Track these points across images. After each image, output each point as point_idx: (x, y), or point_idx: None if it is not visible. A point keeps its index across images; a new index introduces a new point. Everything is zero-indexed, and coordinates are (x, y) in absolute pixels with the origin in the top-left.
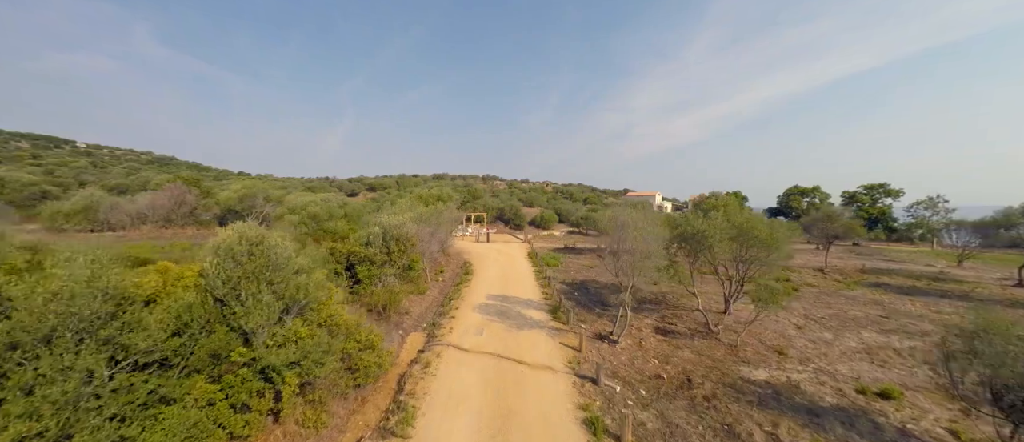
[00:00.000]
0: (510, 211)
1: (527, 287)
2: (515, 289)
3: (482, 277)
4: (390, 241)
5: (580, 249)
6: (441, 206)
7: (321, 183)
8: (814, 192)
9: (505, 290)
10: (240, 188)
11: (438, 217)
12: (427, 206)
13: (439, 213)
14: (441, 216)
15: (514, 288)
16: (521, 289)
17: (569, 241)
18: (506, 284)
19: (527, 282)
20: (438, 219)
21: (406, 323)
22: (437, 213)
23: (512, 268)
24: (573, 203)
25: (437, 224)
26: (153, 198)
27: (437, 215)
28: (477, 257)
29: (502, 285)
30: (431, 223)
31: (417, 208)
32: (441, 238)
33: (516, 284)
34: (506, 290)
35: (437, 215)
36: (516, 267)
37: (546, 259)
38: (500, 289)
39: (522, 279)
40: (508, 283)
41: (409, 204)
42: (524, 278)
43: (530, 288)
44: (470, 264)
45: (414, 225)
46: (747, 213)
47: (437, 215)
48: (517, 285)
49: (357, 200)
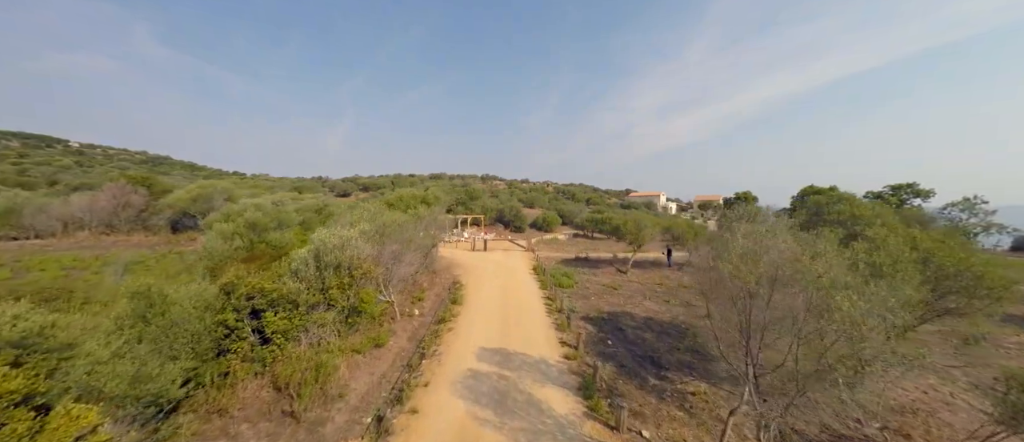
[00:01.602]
0: (510, 212)
1: (537, 330)
2: (520, 333)
3: (474, 307)
4: (326, 270)
5: (594, 261)
6: (424, 211)
7: (310, 183)
8: (831, 192)
9: (505, 336)
10: (194, 188)
11: (417, 228)
12: (407, 211)
13: (421, 221)
14: (423, 225)
15: (518, 331)
16: (528, 333)
17: (578, 248)
18: (507, 322)
19: (536, 318)
20: (416, 231)
21: (335, 420)
22: (419, 221)
23: (514, 290)
24: (575, 204)
25: (415, 236)
26: (91, 200)
27: (417, 225)
28: (471, 273)
29: (501, 324)
30: (405, 236)
31: (383, 216)
32: (419, 258)
33: (521, 322)
34: (507, 336)
35: (417, 225)
36: (519, 289)
37: (556, 275)
38: (498, 332)
39: (529, 312)
40: (509, 320)
41: (375, 212)
42: (531, 310)
43: (541, 332)
44: (461, 285)
45: (372, 243)
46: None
47: (417, 225)
48: (522, 324)
49: (347, 201)
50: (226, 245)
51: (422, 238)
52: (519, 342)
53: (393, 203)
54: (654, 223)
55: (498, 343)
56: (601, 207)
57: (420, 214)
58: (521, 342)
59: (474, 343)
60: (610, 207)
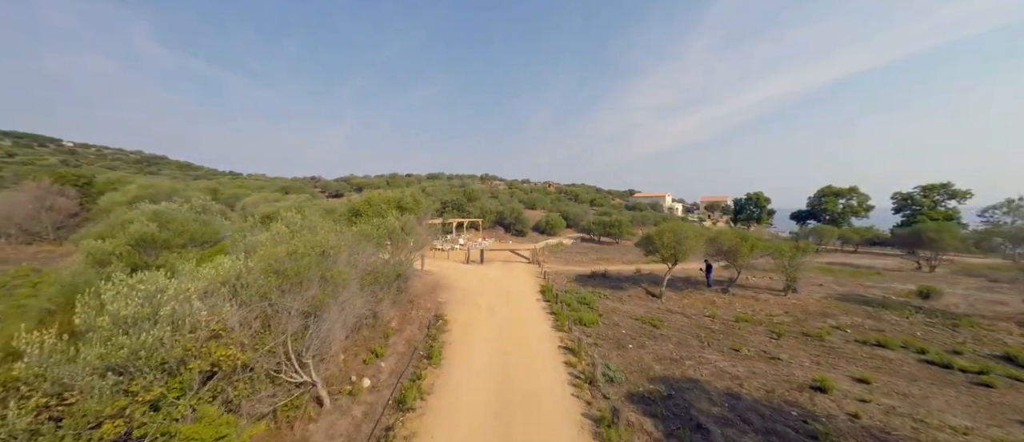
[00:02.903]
0: (511, 215)
1: (559, 424)
2: (532, 434)
3: (458, 364)
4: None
5: (615, 277)
6: (392, 221)
7: (297, 183)
8: (851, 193)
9: (508, 439)
10: (133, 189)
11: (373, 249)
12: (368, 221)
13: (391, 235)
14: (395, 241)
15: (527, 427)
16: (547, 434)
17: (589, 257)
18: (509, 404)
19: (555, 396)
20: (370, 254)
21: None
22: (388, 233)
23: (518, 335)
24: (579, 205)
25: (374, 265)
26: (7, 202)
27: (381, 241)
28: (461, 300)
29: (500, 410)
30: (356, 273)
31: (317, 236)
32: (371, 302)
33: (531, 407)
34: (510, 439)
35: (381, 241)
36: (525, 330)
37: (571, 303)
38: (495, 432)
39: (542, 380)
40: (514, 401)
41: (297, 227)
42: (546, 377)
43: (568, 432)
44: (444, 324)
45: (266, 293)
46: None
47: (381, 241)
48: (533, 411)
49: (336, 203)
50: (91, 272)
51: (387, 266)
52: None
53: (361, 209)
54: (697, 235)
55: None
56: (607, 209)
57: (390, 227)
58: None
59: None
60: (616, 209)
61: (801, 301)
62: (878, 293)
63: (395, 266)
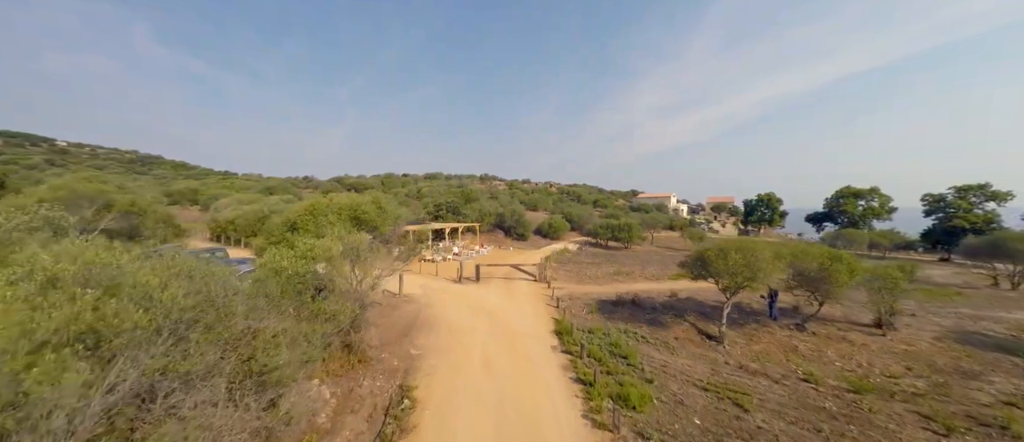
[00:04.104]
0: (511, 217)
1: None
2: None
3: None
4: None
5: (645, 304)
6: (335, 250)
7: (284, 183)
8: (872, 194)
9: None
10: (51, 189)
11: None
12: (297, 243)
13: (331, 265)
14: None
15: None
16: None
17: (603, 270)
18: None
19: None
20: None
21: None
22: (330, 261)
23: (527, 413)
24: (582, 206)
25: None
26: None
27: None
28: (445, 347)
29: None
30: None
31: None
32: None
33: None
34: None
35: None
36: (538, 407)
37: (601, 356)
38: None
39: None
40: None
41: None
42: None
43: None
44: (412, 400)
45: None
46: None
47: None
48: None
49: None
50: None
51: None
52: None
53: (298, 222)
54: (774, 255)
55: None
56: (612, 211)
57: (329, 253)
58: None
59: None
60: (621, 210)
61: (910, 343)
62: (1001, 331)
63: (332, 316)
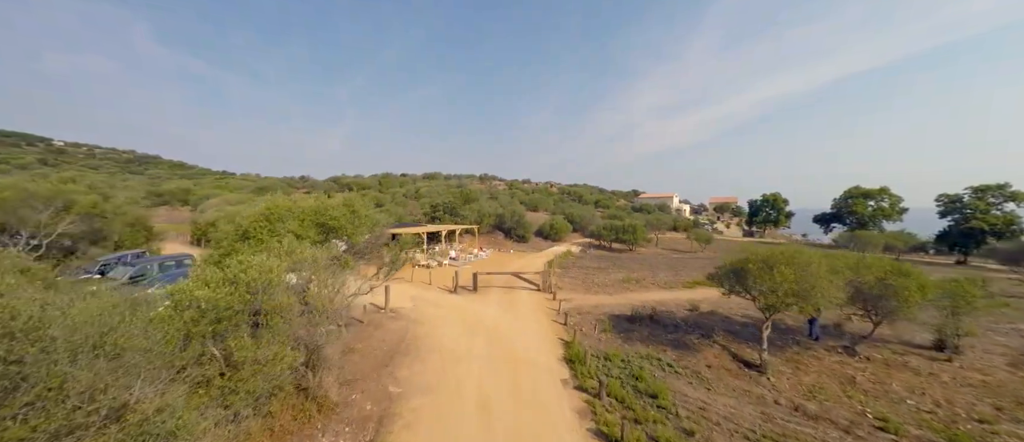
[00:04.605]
0: (511, 218)
1: None
2: None
3: None
4: None
5: (664, 320)
6: (278, 270)
7: (277, 182)
8: (883, 194)
9: None
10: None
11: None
12: (244, 255)
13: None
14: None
15: None
16: None
17: (612, 278)
18: None
19: None
20: None
21: None
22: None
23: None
24: (584, 207)
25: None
26: None
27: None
28: (433, 382)
29: None
30: None
31: None
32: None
33: None
34: None
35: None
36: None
37: (621, 390)
38: None
39: None
40: None
41: None
42: None
43: None
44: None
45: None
46: None
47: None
48: None
49: None
50: None
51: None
52: None
53: (251, 230)
54: (830, 270)
55: None
56: (615, 211)
57: (268, 275)
58: None
59: None
60: (623, 211)
61: (985, 372)
62: None
63: (269, 361)
